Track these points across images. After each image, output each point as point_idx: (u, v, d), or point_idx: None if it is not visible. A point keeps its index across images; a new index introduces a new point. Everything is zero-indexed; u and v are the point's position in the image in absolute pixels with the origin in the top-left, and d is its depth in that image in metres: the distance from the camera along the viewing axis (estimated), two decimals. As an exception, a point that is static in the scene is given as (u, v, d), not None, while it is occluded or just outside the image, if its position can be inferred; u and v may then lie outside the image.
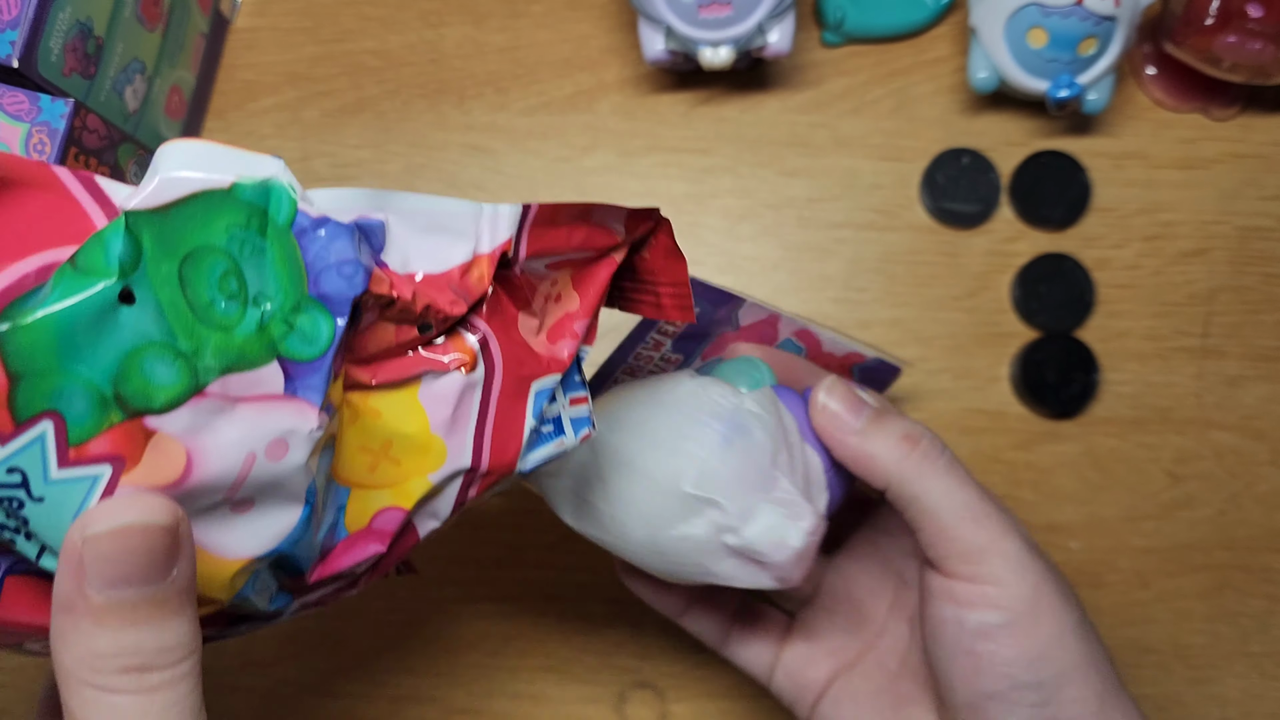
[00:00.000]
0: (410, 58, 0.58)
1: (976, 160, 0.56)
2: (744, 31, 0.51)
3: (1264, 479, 0.55)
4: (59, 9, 0.44)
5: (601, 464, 0.39)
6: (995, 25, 0.52)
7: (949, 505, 0.38)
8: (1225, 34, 0.52)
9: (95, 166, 0.43)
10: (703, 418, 0.39)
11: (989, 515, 0.38)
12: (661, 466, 0.38)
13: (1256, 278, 0.56)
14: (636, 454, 0.39)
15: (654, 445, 0.39)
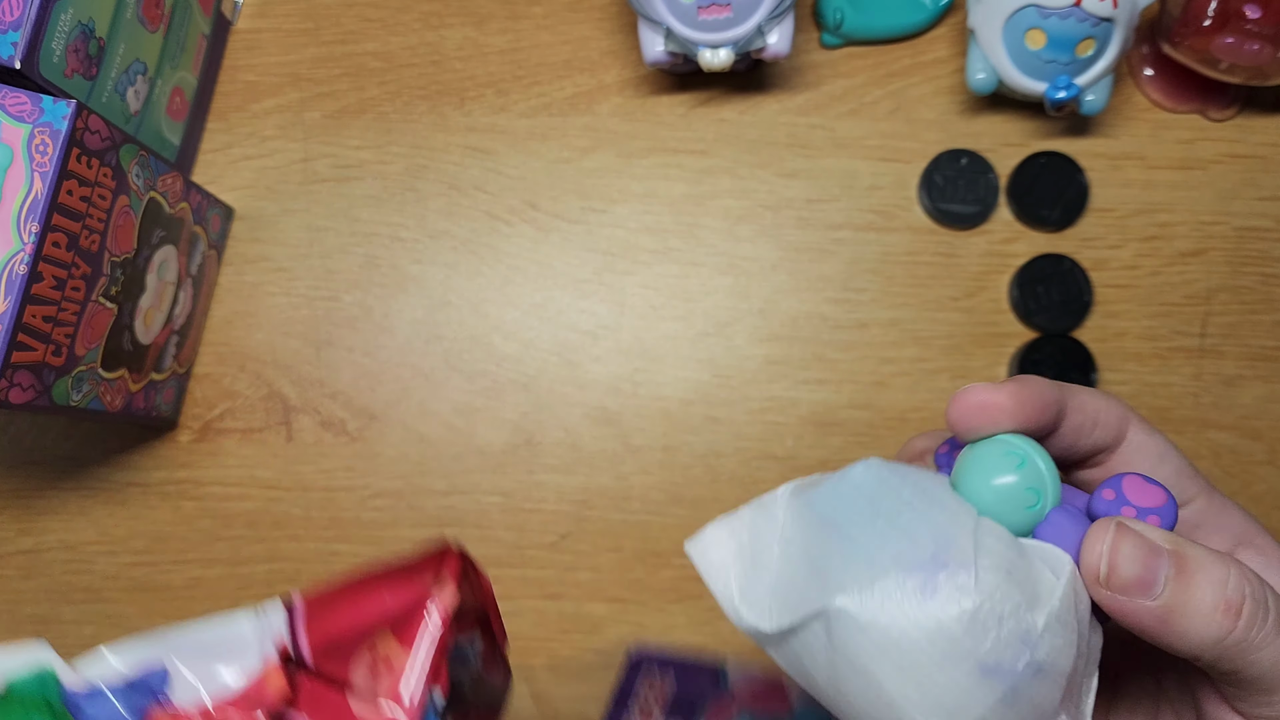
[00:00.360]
0: (411, 59, 0.59)
1: (975, 161, 0.56)
2: (743, 33, 0.52)
3: (1261, 479, 0.55)
4: (61, 10, 0.44)
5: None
6: (993, 27, 0.52)
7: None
8: (1223, 35, 0.52)
9: (98, 168, 0.44)
10: (969, 671, 0.27)
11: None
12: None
13: (1254, 278, 0.56)
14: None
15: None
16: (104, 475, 0.56)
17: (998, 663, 0.27)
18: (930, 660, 0.27)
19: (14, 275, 0.41)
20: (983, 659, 0.27)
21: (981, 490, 0.29)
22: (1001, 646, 0.27)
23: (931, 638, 0.27)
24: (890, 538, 0.28)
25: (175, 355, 0.54)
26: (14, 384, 0.41)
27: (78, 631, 0.55)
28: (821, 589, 0.28)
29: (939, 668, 0.27)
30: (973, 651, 0.27)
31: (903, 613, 0.27)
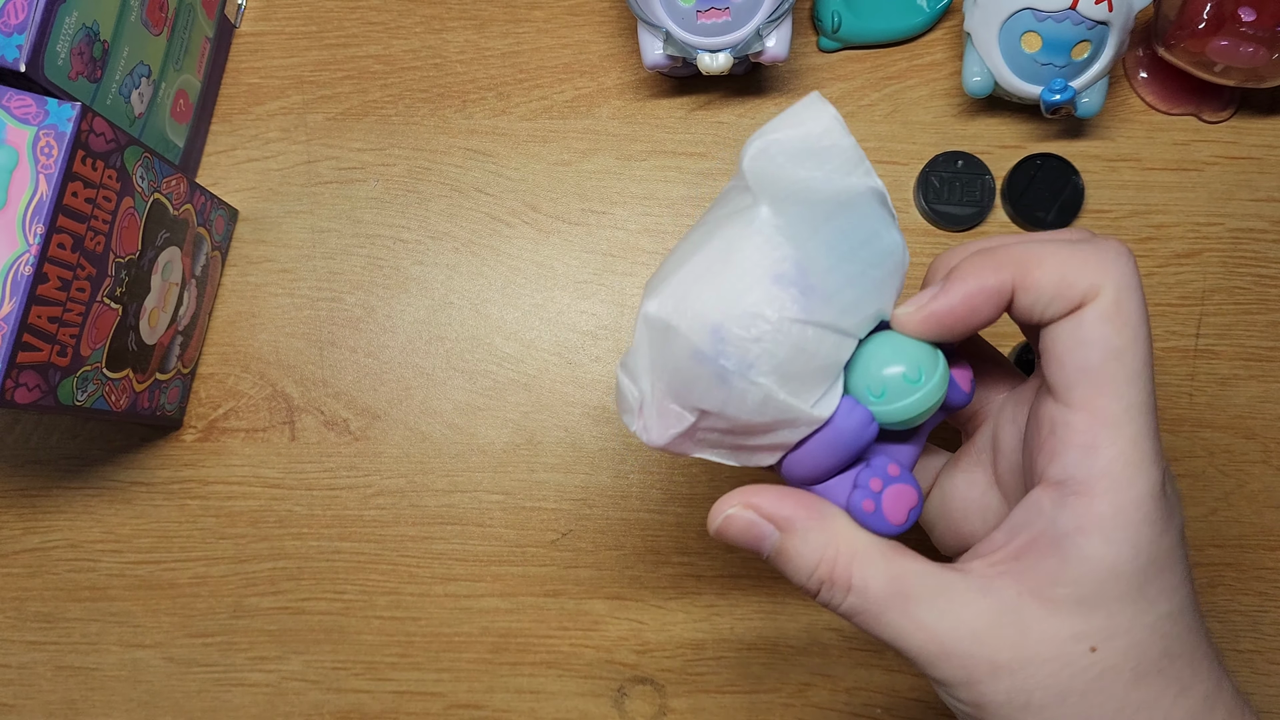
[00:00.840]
0: (413, 63, 0.59)
1: (971, 163, 0.57)
2: (742, 37, 0.52)
3: (1255, 478, 0.55)
4: (65, 13, 0.44)
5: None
6: (989, 30, 0.53)
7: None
8: (1218, 37, 0.52)
9: (102, 170, 0.44)
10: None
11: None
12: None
13: (1248, 279, 0.56)
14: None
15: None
16: (109, 474, 0.57)
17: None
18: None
19: (19, 276, 0.41)
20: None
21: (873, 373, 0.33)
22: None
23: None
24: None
25: (180, 355, 0.54)
26: (20, 384, 0.42)
27: (83, 629, 0.56)
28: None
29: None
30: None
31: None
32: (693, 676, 0.55)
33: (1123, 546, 0.31)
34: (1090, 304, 0.31)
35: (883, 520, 0.33)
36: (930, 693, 0.54)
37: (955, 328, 0.33)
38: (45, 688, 0.56)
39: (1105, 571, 0.31)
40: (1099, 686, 0.31)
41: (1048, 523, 0.32)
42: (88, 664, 0.56)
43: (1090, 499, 0.31)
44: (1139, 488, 0.31)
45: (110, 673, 0.56)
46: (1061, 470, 0.32)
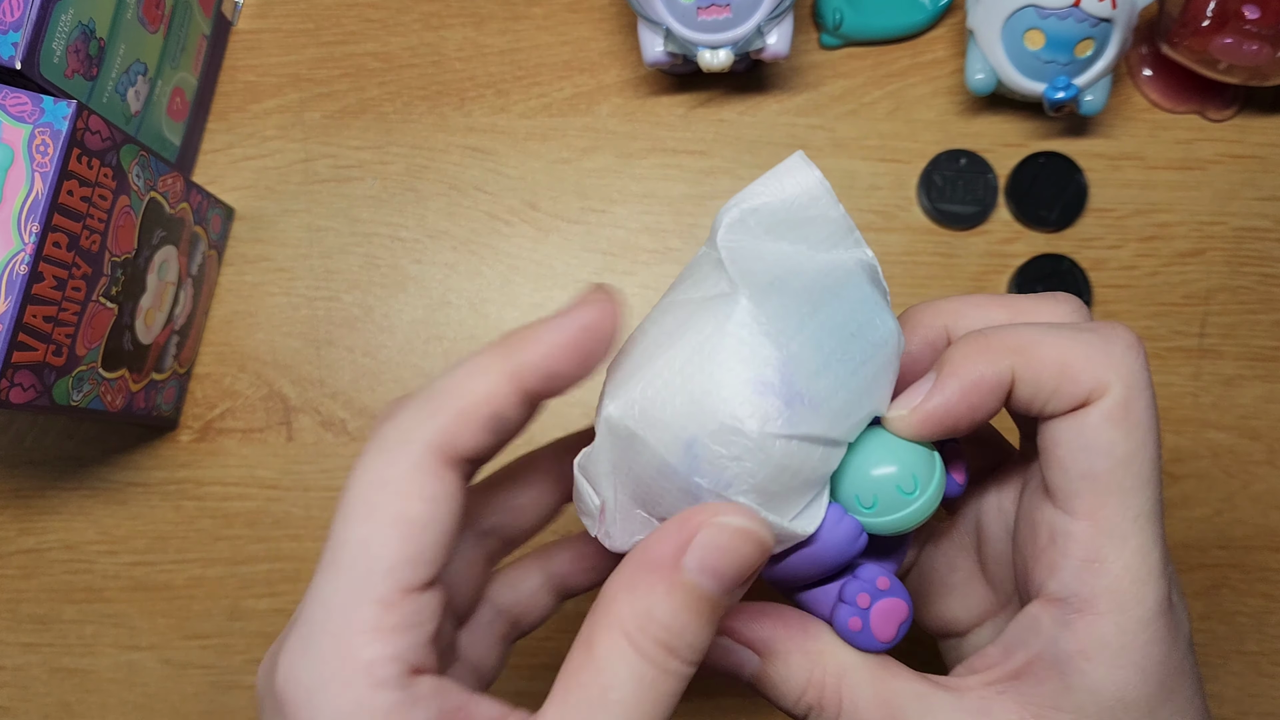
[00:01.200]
0: (411, 60, 0.59)
1: (974, 162, 0.56)
2: (743, 34, 0.52)
3: (1260, 478, 0.55)
4: (61, 11, 0.44)
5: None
6: (992, 27, 0.53)
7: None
8: (1222, 35, 0.52)
9: (98, 168, 0.44)
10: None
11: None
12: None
13: (1253, 278, 0.56)
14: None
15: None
16: (105, 475, 0.56)
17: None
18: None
19: (14, 275, 0.41)
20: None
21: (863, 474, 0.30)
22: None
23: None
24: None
25: (176, 355, 0.54)
26: (15, 384, 0.41)
27: (78, 631, 0.55)
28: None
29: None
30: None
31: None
32: (693, 678, 0.54)
33: (1130, 672, 0.29)
34: (1096, 403, 0.29)
35: (870, 638, 0.30)
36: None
37: (956, 427, 0.30)
38: (40, 690, 0.55)
39: (1112, 699, 0.29)
40: None
41: (1048, 642, 0.30)
42: (83, 666, 0.55)
43: (1094, 618, 0.29)
44: (1146, 605, 0.29)
45: (106, 675, 0.55)
46: (1062, 586, 0.30)
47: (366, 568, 0.27)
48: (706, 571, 0.26)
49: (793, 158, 0.31)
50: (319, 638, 0.27)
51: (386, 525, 0.27)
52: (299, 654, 0.27)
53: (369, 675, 0.26)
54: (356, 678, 0.26)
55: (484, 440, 0.28)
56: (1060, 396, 0.29)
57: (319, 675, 0.27)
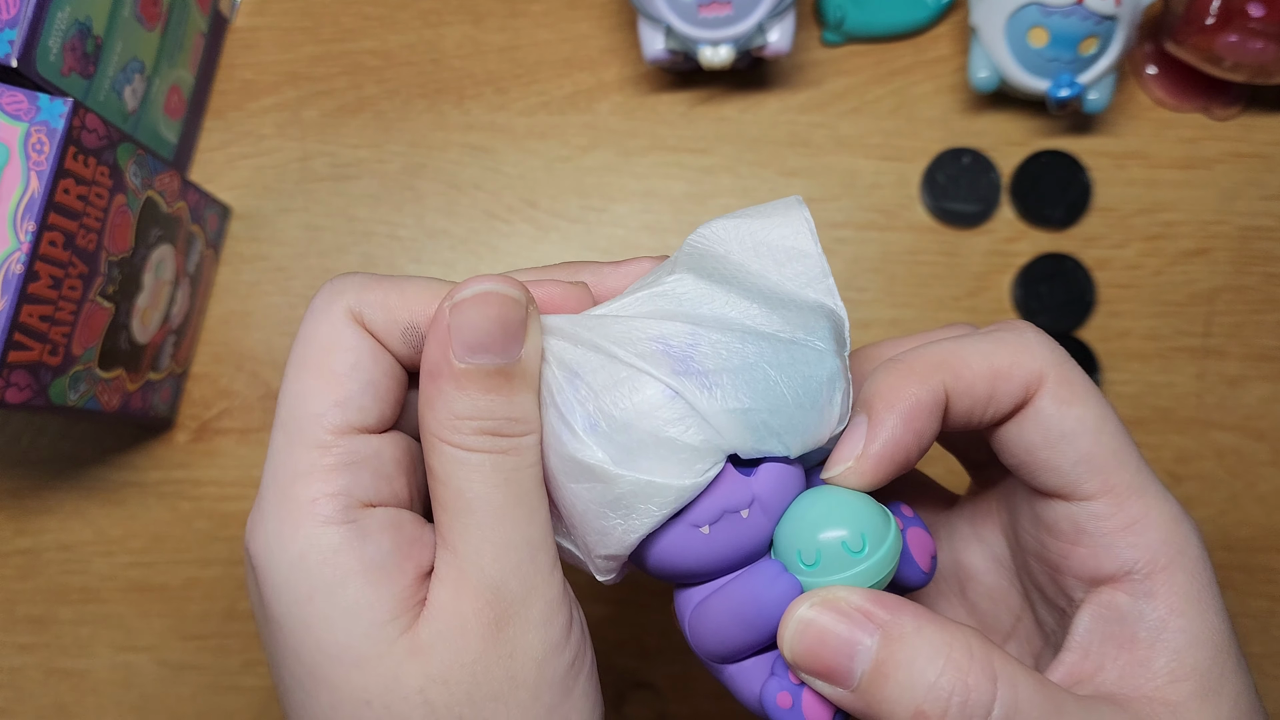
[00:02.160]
0: (410, 57, 0.58)
1: (977, 160, 0.56)
2: (744, 31, 0.51)
3: (1264, 479, 0.55)
4: (58, 8, 0.44)
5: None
6: (996, 25, 0.52)
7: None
8: (1226, 33, 0.52)
9: (94, 167, 0.43)
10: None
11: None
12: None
13: (1258, 277, 0.56)
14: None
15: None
16: (101, 475, 0.56)
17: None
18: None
19: (10, 274, 0.40)
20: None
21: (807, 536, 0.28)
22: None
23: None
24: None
25: (172, 355, 0.54)
26: (11, 384, 0.41)
27: (74, 632, 0.55)
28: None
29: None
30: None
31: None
32: (694, 681, 0.54)
33: (1212, 616, 0.28)
34: (1040, 392, 0.29)
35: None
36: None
37: (907, 460, 0.29)
38: (36, 691, 0.55)
39: (1213, 648, 0.28)
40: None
41: (1137, 620, 0.28)
42: (79, 667, 0.55)
43: (1168, 575, 0.28)
44: (1193, 543, 0.29)
45: (102, 676, 0.55)
46: (1118, 562, 0.29)
47: (300, 417, 0.29)
48: (473, 349, 0.27)
49: (789, 198, 0.31)
50: (269, 491, 0.29)
51: (314, 376, 0.29)
52: (256, 512, 0.29)
53: (313, 514, 0.28)
54: (302, 518, 0.28)
55: (397, 342, 0.30)
56: (999, 400, 0.29)
57: (273, 525, 0.28)
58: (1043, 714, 0.26)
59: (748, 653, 0.28)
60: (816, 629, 0.26)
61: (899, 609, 0.26)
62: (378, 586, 0.28)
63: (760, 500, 0.27)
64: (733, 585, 0.28)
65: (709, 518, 0.27)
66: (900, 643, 0.26)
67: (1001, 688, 0.26)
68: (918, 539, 0.30)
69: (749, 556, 0.28)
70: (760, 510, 0.27)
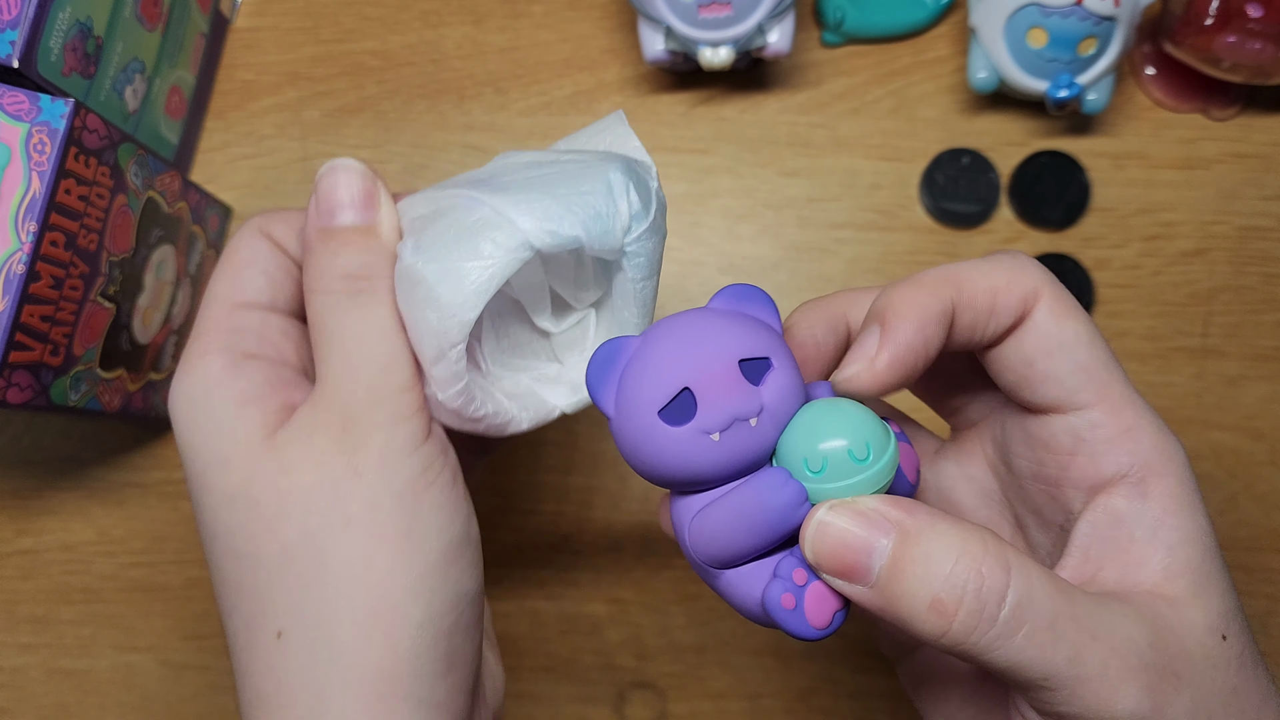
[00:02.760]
0: (410, 58, 0.58)
1: (976, 160, 0.56)
2: (744, 32, 0.51)
3: (1263, 479, 0.55)
4: (59, 9, 0.44)
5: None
6: (995, 25, 0.52)
7: (1023, 675, 0.27)
8: (1225, 34, 0.52)
9: (96, 167, 0.43)
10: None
11: (1087, 670, 0.27)
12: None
13: (1256, 278, 0.56)
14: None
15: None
16: (102, 475, 0.56)
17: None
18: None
19: (12, 275, 0.40)
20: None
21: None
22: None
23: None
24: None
25: (174, 355, 0.54)
26: (12, 384, 0.41)
27: (76, 632, 0.55)
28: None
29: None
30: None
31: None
32: (694, 681, 0.54)
33: (1199, 516, 0.30)
34: (1037, 307, 0.31)
35: (803, 621, 0.28)
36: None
37: (915, 367, 0.30)
38: (37, 691, 0.55)
39: (1203, 547, 0.29)
40: (1240, 680, 0.29)
41: (1133, 519, 0.30)
42: (80, 667, 0.55)
43: (1161, 478, 0.30)
44: (1180, 451, 0.31)
45: (103, 676, 0.55)
46: (1115, 465, 0.30)
47: (208, 300, 0.37)
48: (332, 211, 0.35)
49: (612, 114, 0.39)
50: (182, 355, 0.37)
51: (222, 270, 0.38)
52: (174, 374, 0.36)
53: (202, 361, 0.36)
54: (194, 364, 0.36)
55: (293, 244, 0.38)
56: (1000, 313, 0.31)
57: (178, 375, 0.36)
58: (1055, 603, 0.26)
59: (749, 557, 0.29)
60: (836, 530, 0.27)
61: (914, 509, 0.27)
62: (246, 407, 0.35)
63: (769, 410, 0.28)
64: (741, 491, 0.29)
65: (719, 425, 0.28)
66: (915, 539, 0.27)
67: (1015, 577, 0.26)
68: (906, 453, 0.31)
69: (754, 464, 0.29)
70: (768, 419, 0.28)
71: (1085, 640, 0.26)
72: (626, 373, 0.29)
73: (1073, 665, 0.26)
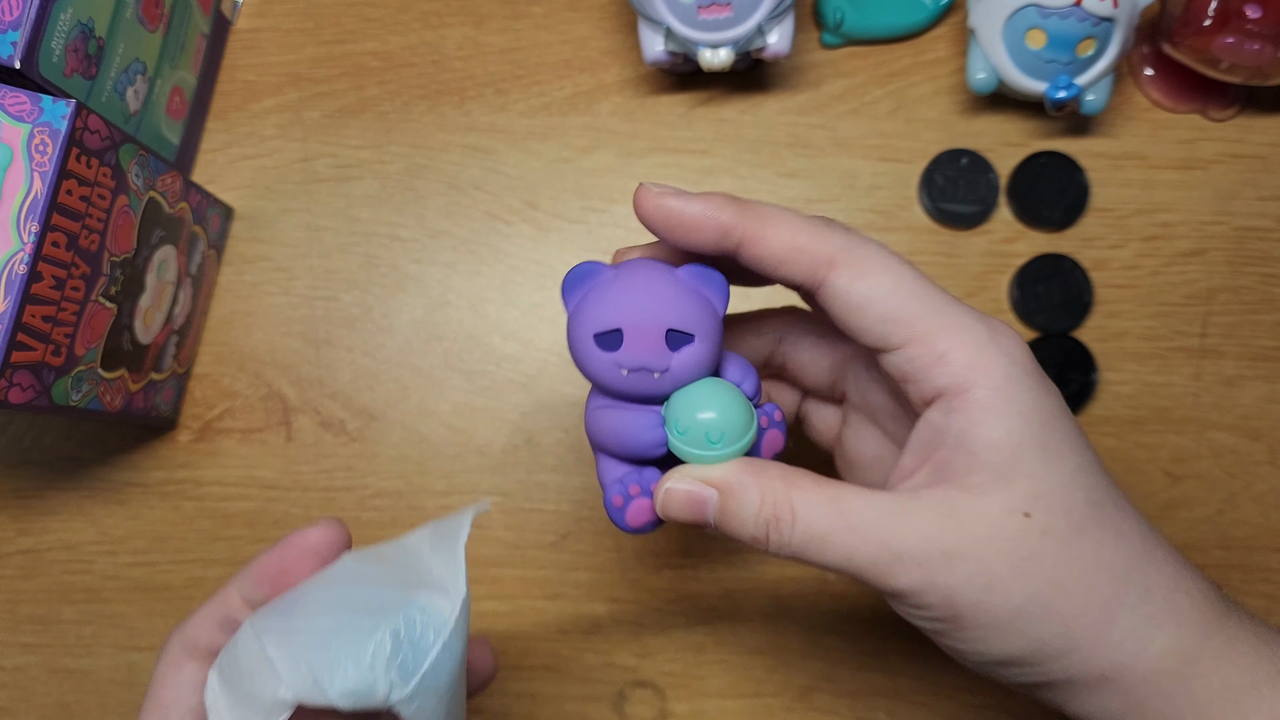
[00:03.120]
0: (411, 59, 0.59)
1: (975, 161, 0.56)
2: (743, 33, 0.51)
3: (1261, 479, 0.55)
4: (60, 10, 0.44)
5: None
6: (994, 26, 0.52)
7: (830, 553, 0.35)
8: (1223, 35, 0.52)
9: (97, 167, 0.44)
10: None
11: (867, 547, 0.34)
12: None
13: (1254, 278, 0.56)
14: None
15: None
16: (103, 475, 0.56)
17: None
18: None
19: (14, 275, 0.40)
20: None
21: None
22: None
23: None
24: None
25: (175, 355, 0.54)
26: (13, 384, 0.41)
27: (77, 632, 0.55)
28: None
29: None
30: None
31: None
32: (694, 680, 0.54)
33: (1013, 419, 0.33)
34: (832, 273, 0.35)
35: (622, 519, 0.37)
36: (934, 695, 0.54)
37: (669, 229, 0.36)
38: (39, 691, 0.55)
39: (1008, 446, 0.33)
40: (1043, 548, 0.33)
41: (944, 429, 0.34)
42: (82, 667, 0.55)
43: (967, 393, 0.34)
44: (1000, 364, 0.34)
45: (105, 676, 0.55)
46: (932, 387, 0.34)
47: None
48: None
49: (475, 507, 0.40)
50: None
51: (151, 710, 0.37)
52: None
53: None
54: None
55: (218, 636, 0.37)
56: (790, 268, 0.36)
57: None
58: (831, 521, 0.34)
59: (618, 457, 0.37)
60: (678, 495, 0.35)
61: (729, 476, 0.35)
62: None
63: (673, 372, 0.35)
64: (623, 414, 0.36)
65: (630, 366, 0.35)
66: (730, 495, 0.35)
67: (799, 511, 0.34)
68: (772, 439, 0.38)
69: (648, 400, 0.36)
70: (669, 378, 0.35)
71: (856, 542, 0.34)
72: (590, 292, 0.35)
73: (849, 561, 0.34)
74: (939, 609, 0.34)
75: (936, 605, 0.34)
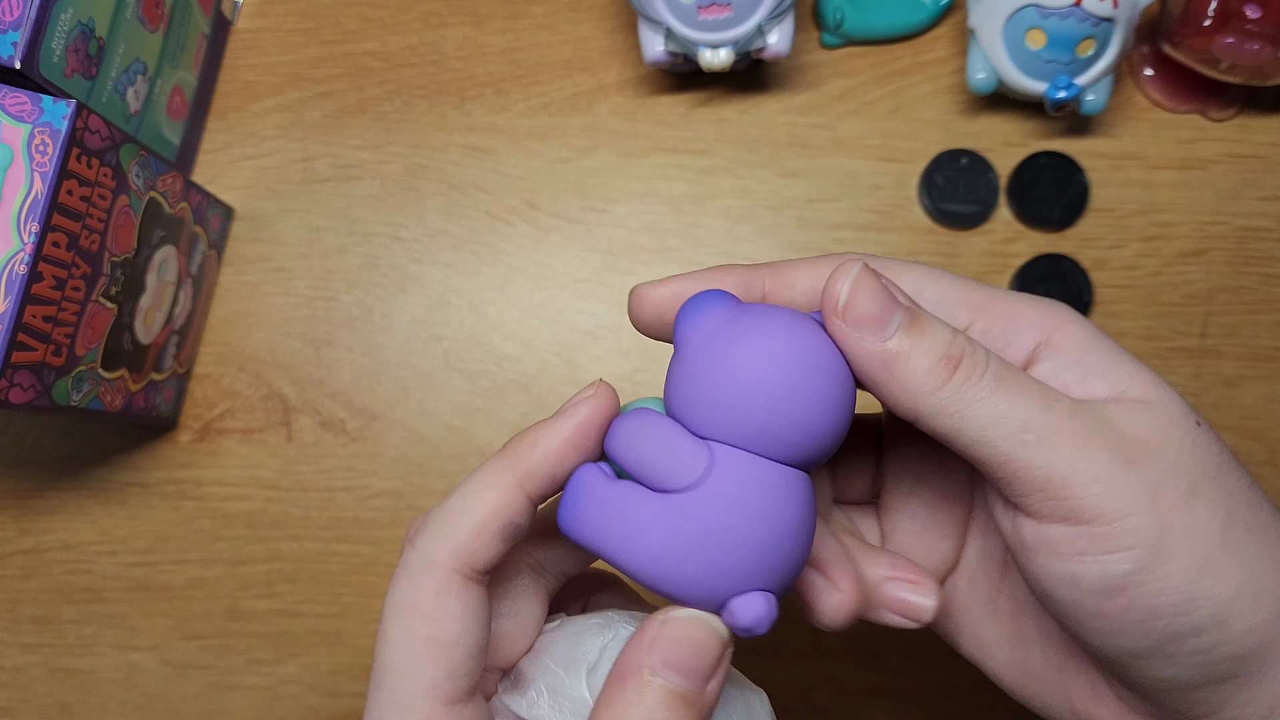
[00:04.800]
0: (411, 59, 0.59)
1: (975, 161, 0.56)
2: (743, 33, 0.51)
3: (1261, 479, 0.55)
4: (61, 10, 0.44)
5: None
6: (994, 26, 0.52)
7: (1001, 431, 0.29)
8: (1223, 35, 0.52)
9: (98, 168, 0.44)
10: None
11: (1058, 423, 0.29)
12: None
13: (1254, 278, 0.56)
14: None
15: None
16: (104, 475, 0.56)
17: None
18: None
19: (14, 275, 0.40)
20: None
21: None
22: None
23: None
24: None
25: (175, 355, 0.54)
26: (14, 384, 0.41)
27: (78, 632, 0.55)
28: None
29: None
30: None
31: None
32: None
33: (1118, 350, 0.31)
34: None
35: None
36: (934, 695, 0.54)
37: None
38: (39, 691, 0.55)
39: (1136, 364, 0.31)
40: (1227, 459, 0.32)
41: (1062, 371, 0.31)
42: (82, 667, 0.55)
43: (1060, 331, 0.31)
44: (1067, 310, 0.32)
45: (105, 676, 0.55)
46: (1022, 349, 0.32)
47: (408, 690, 0.29)
48: (668, 667, 0.28)
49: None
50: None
51: (421, 648, 0.29)
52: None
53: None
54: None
55: (500, 549, 0.30)
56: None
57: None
58: (1026, 379, 0.30)
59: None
60: (870, 277, 0.30)
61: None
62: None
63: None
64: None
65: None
66: (923, 317, 0.30)
67: (992, 355, 0.30)
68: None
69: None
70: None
71: (1053, 399, 0.29)
72: (700, 346, 0.29)
73: (1045, 412, 0.29)
74: (1145, 533, 0.28)
75: (1146, 527, 0.28)
